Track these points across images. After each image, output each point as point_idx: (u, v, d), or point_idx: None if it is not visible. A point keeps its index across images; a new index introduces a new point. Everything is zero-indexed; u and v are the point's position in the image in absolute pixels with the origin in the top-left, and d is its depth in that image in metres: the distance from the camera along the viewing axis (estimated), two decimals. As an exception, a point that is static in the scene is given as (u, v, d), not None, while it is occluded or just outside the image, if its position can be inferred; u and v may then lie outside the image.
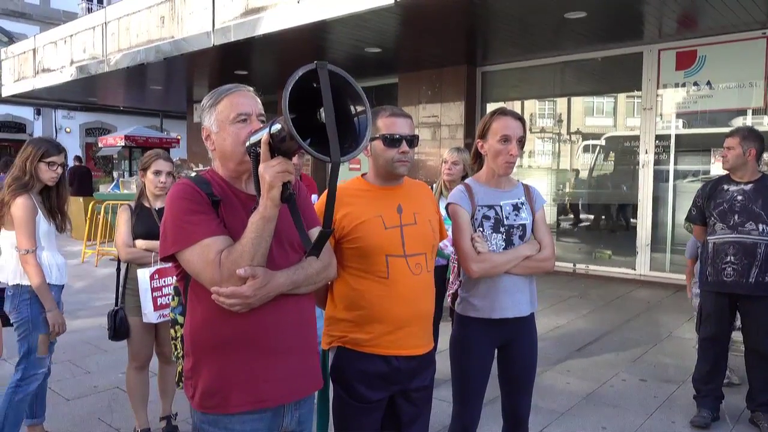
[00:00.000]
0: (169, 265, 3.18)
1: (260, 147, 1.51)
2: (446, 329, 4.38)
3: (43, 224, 3.19)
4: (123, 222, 3.32)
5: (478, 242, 2.35)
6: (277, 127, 1.46)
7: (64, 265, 3.34)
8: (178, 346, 3.28)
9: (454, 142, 9.39)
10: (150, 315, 3.23)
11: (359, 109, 1.49)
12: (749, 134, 3.56)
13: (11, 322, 3.17)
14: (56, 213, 3.28)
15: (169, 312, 3.30)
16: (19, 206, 3.04)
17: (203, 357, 1.68)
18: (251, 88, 1.77)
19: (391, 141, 2.06)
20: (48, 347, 3.23)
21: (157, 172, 3.30)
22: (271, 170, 1.48)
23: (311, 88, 1.40)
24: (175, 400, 3.55)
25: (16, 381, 3.15)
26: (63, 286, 3.33)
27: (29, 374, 3.17)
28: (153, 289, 3.25)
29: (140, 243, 3.28)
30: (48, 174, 3.17)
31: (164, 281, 3.29)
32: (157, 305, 3.27)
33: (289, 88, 1.36)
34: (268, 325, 1.66)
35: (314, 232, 1.75)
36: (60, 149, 3.24)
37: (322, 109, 1.39)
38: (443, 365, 2.51)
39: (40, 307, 3.14)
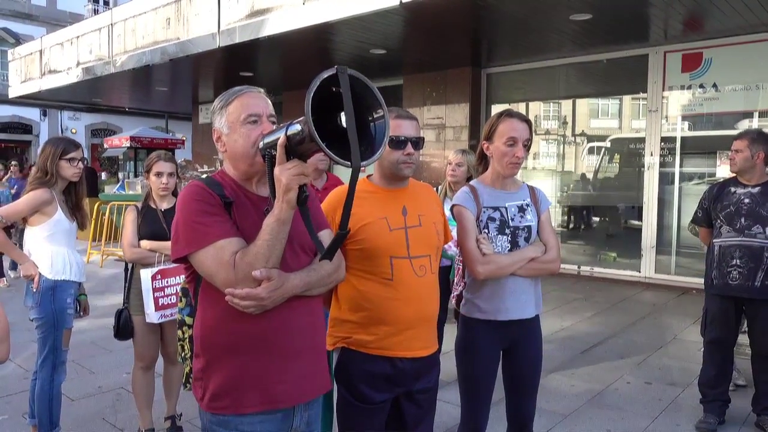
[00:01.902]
0: (173, 266, 3.23)
1: (275, 149, 1.50)
2: (450, 330, 4.38)
3: (65, 222, 3.25)
4: (129, 222, 3.35)
5: (484, 244, 2.35)
6: (296, 128, 1.45)
7: (83, 263, 3.41)
8: (185, 347, 3.29)
9: (459, 143, 9.39)
10: (152, 315, 3.25)
11: (376, 114, 1.49)
12: (758, 137, 3.54)
13: (31, 318, 3.22)
14: (76, 210, 3.35)
15: (177, 313, 3.32)
16: (33, 192, 3.13)
17: (215, 358, 1.68)
18: (262, 90, 1.77)
19: (396, 143, 2.06)
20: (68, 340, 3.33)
21: (159, 174, 3.31)
22: (287, 173, 1.48)
23: (329, 92, 1.40)
24: (180, 400, 3.56)
25: (50, 375, 3.22)
26: (81, 283, 3.40)
27: (59, 367, 3.26)
28: (155, 290, 3.27)
29: (145, 243, 3.30)
30: (71, 170, 3.23)
31: (167, 282, 3.31)
32: (159, 305, 3.28)
33: (312, 91, 1.35)
34: (280, 326, 1.66)
35: (323, 235, 1.75)
36: (77, 145, 3.30)
37: (342, 113, 1.38)
38: (447, 367, 2.50)
39: (64, 301, 3.22)
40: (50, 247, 3.21)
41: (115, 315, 3.33)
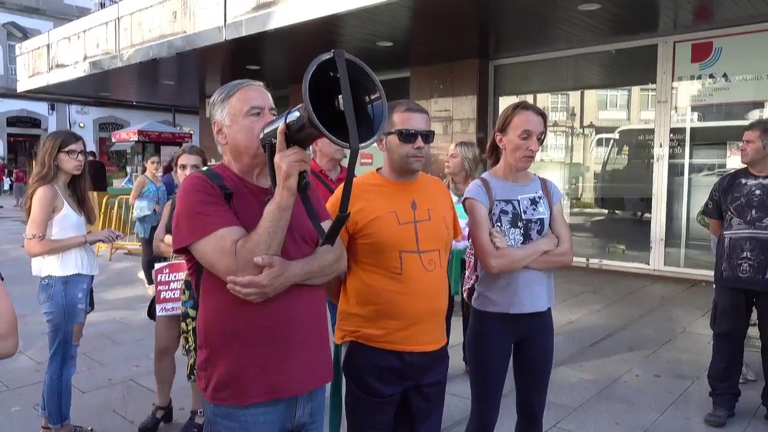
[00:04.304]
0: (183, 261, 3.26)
1: (275, 138, 1.51)
2: (457, 324, 4.38)
3: (73, 216, 3.24)
4: (164, 215, 3.48)
5: (497, 237, 2.33)
6: (295, 115, 1.46)
7: (95, 256, 3.43)
8: (189, 339, 3.34)
9: (466, 136, 9.35)
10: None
11: (373, 96, 1.49)
12: None
13: (43, 311, 3.24)
14: (82, 204, 3.35)
15: (180, 305, 3.38)
16: (37, 194, 3.11)
17: (217, 349, 1.69)
18: (261, 83, 1.78)
19: (407, 136, 2.05)
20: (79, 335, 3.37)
21: (183, 167, 3.40)
22: (287, 159, 1.49)
23: (325, 78, 1.40)
24: (184, 392, 3.58)
25: (59, 369, 3.25)
26: (93, 276, 3.40)
27: (68, 360, 3.29)
28: (159, 283, 3.35)
29: (167, 239, 3.36)
30: (70, 163, 3.21)
31: (174, 276, 3.37)
32: (160, 298, 3.37)
33: (309, 76, 1.36)
34: (283, 316, 1.67)
35: (326, 225, 1.75)
36: (77, 137, 3.29)
37: (339, 97, 1.39)
38: (454, 360, 2.50)
39: (75, 296, 3.23)
40: None
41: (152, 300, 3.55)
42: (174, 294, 3.36)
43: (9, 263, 7.76)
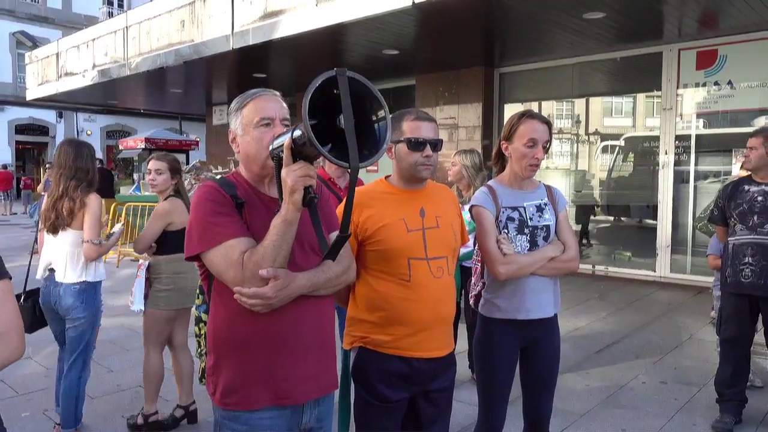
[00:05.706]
0: (141, 261, 3.39)
1: (283, 151, 1.54)
2: (462, 331, 4.39)
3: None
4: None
5: (504, 244, 2.36)
6: (298, 132, 1.49)
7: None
8: (201, 343, 3.42)
9: (472, 143, 9.38)
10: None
11: (380, 115, 1.52)
12: None
13: (71, 317, 3.30)
14: None
15: (194, 309, 3.51)
16: (93, 201, 3.24)
17: (225, 354, 1.72)
18: (278, 93, 1.81)
19: (416, 144, 2.08)
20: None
21: (149, 171, 3.56)
22: (293, 174, 1.52)
23: (333, 94, 1.43)
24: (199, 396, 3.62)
25: (79, 372, 3.34)
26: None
27: (88, 363, 3.41)
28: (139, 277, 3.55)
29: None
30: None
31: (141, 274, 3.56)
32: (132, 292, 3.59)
33: (309, 95, 1.39)
34: (289, 325, 1.70)
35: (335, 236, 1.78)
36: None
37: (341, 116, 1.41)
38: (460, 367, 2.52)
39: (100, 301, 3.41)
40: None
41: None
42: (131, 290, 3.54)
43: (17, 270, 7.80)
